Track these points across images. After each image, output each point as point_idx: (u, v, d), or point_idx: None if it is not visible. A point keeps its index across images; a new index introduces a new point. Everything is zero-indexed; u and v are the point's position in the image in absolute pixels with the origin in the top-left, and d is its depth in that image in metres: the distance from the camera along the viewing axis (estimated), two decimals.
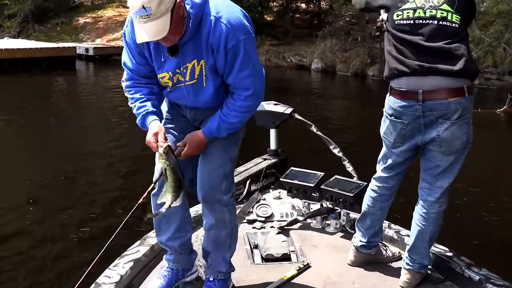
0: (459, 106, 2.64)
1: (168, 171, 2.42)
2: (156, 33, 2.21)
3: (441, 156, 2.77)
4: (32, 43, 20.16)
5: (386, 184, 3.03)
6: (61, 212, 5.51)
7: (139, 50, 2.49)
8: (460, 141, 2.72)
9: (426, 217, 2.89)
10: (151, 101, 2.54)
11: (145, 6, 2.14)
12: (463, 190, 6.37)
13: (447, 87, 2.63)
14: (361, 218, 3.18)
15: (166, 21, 2.19)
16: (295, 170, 4.05)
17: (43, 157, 7.70)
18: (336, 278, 3.06)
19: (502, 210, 5.77)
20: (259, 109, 4.28)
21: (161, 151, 2.38)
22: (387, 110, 2.85)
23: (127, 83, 2.59)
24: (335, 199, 3.75)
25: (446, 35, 2.65)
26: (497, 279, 2.83)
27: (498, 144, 9.21)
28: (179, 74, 2.49)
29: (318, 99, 13.51)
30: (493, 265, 3.06)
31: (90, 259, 4.05)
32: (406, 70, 2.71)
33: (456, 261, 3.06)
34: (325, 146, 4.16)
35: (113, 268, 2.93)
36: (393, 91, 2.79)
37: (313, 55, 18.44)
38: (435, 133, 2.71)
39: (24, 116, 10.47)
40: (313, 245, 3.47)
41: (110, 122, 9.93)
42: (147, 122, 2.50)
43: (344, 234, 3.62)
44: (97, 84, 16.85)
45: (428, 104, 2.66)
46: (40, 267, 4.50)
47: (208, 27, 2.34)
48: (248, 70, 2.43)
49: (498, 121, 10.61)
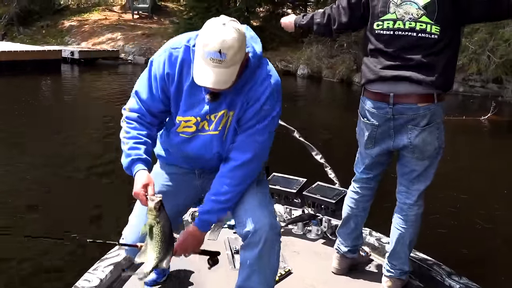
0: (428, 112, 2.70)
1: (157, 229, 2.14)
2: (222, 83, 2.10)
3: (415, 161, 2.83)
4: (17, 46, 20.00)
5: (367, 184, 3.08)
6: (34, 219, 5.41)
7: (163, 85, 2.30)
8: (432, 147, 2.78)
9: (405, 219, 2.93)
10: (146, 145, 2.30)
11: (222, 51, 2.03)
12: (445, 197, 6.41)
13: (417, 93, 2.70)
14: (343, 223, 3.19)
15: (234, 71, 2.11)
16: (277, 176, 4.06)
17: (20, 159, 7.64)
18: (318, 285, 3.06)
19: (485, 218, 5.80)
20: None
21: (152, 205, 2.11)
22: (360, 111, 2.92)
23: (130, 114, 2.34)
24: (317, 205, 3.76)
25: (424, 47, 2.68)
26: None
27: (482, 152, 9.28)
28: (207, 122, 2.32)
29: (303, 105, 13.55)
30: (474, 274, 3.07)
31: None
32: (381, 79, 2.76)
33: (437, 270, 3.07)
34: (308, 152, 4.17)
35: (93, 272, 2.91)
36: (366, 92, 2.86)
37: (299, 60, 18.50)
38: (406, 140, 2.77)
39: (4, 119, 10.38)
40: (294, 251, 3.46)
41: (95, 126, 9.86)
42: (134, 169, 2.24)
43: (326, 240, 3.62)
44: (82, 87, 16.78)
45: (398, 107, 2.73)
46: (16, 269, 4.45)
47: (256, 80, 2.26)
48: (262, 138, 2.33)
49: (482, 129, 10.68)
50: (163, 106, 2.35)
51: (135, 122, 2.33)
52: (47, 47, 20.37)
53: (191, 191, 2.56)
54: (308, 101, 14.53)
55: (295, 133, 4.21)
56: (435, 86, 2.69)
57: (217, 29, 2.05)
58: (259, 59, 2.27)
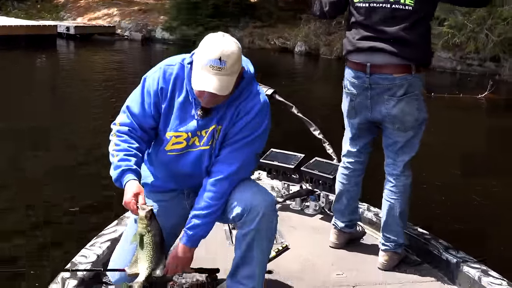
0: (404, 82, 2.78)
1: (148, 238, 2.14)
2: (222, 88, 2.14)
3: (397, 133, 2.91)
4: (12, 21, 19.81)
5: (357, 158, 3.12)
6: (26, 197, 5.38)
7: (156, 100, 2.34)
8: (412, 117, 2.85)
9: (394, 191, 2.98)
10: (136, 158, 2.30)
11: (223, 59, 2.11)
12: (442, 173, 6.44)
13: (393, 63, 2.78)
14: (337, 199, 3.23)
15: (232, 81, 2.18)
16: (275, 152, 4.05)
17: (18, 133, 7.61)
18: (315, 259, 3.07)
19: (483, 194, 5.83)
20: None
21: (142, 214, 2.11)
22: (343, 82, 3.01)
23: (120, 128, 2.35)
24: (314, 181, 3.76)
25: (398, 18, 2.76)
26: (474, 262, 2.86)
27: (478, 129, 9.29)
28: (197, 137, 2.35)
29: (301, 82, 13.48)
30: (471, 248, 3.08)
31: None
32: (358, 50, 2.87)
33: (434, 244, 3.08)
34: (306, 127, 4.16)
35: (90, 248, 2.91)
36: (347, 62, 2.95)
37: (297, 38, 18.35)
38: (384, 110, 2.85)
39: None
40: (292, 227, 3.47)
41: (91, 101, 9.80)
42: (124, 179, 2.24)
43: (323, 216, 3.63)
44: (78, 63, 16.66)
45: (374, 77, 2.81)
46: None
47: (247, 95, 2.33)
48: (248, 151, 2.37)
49: (478, 107, 10.67)
50: (154, 122, 2.38)
51: (126, 135, 2.34)
52: (42, 22, 20.17)
53: (180, 213, 2.52)
54: (305, 78, 14.48)
55: (293, 109, 4.19)
56: (410, 58, 2.77)
57: (218, 39, 2.16)
58: (251, 78, 2.36)
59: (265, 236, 2.38)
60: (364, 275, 2.92)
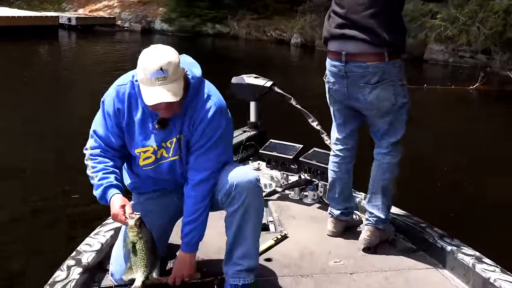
0: (377, 70, 2.81)
1: (140, 245, 2.20)
2: (174, 95, 2.14)
3: (377, 119, 2.95)
4: (14, 11, 19.71)
5: (346, 145, 3.14)
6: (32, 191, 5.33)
7: (116, 121, 2.37)
8: (389, 103, 2.88)
9: (378, 167, 3.03)
10: (115, 174, 2.35)
11: (163, 68, 2.11)
12: (437, 162, 6.45)
13: (366, 52, 2.80)
14: (330, 187, 3.24)
15: (180, 86, 2.18)
16: (274, 142, 4.03)
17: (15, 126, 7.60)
18: (313, 247, 3.06)
19: (478, 183, 5.85)
20: (239, 82, 4.26)
21: (132, 223, 2.17)
22: (326, 71, 3.03)
23: (92, 151, 2.38)
24: (313, 171, 3.75)
25: (366, 5, 2.78)
26: (468, 249, 2.85)
27: (469, 119, 9.31)
28: (164, 149, 2.37)
29: (298, 73, 13.47)
30: (466, 236, 3.08)
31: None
32: (333, 37, 2.91)
33: (429, 232, 3.08)
34: (304, 119, 4.14)
35: (94, 237, 2.89)
36: (327, 52, 2.99)
37: (293, 30, 18.31)
38: (361, 97, 2.88)
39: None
40: (291, 216, 3.46)
41: (91, 91, 9.76)
42: (108, 195, 2.29)
43: (321, 205, 3.61)
44: (79, 53, 16.60)
45: (349, 65, 2.84)
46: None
47: (198, 101, 2.32)
48: (214, 154, 2.37)
49: (470, 98, 10.68)
50: (120, 140, 2.40)
51: (99, 157, 2.37)
52: (45, 13, 20.08)
53: (172, 208, 2.57)
54: (302, 69, 14.44)
55: (292, 101, 4.17)
56: (381, 45, 2.79)
57: (151, 52, 2.16)
58: (199, 81, 2.33)
59: (253, 212, 2.38)
60: (361, 262, 2.91)
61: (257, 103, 4.41)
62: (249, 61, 15.05)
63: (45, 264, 3.64)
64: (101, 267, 2.73)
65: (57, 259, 2.80)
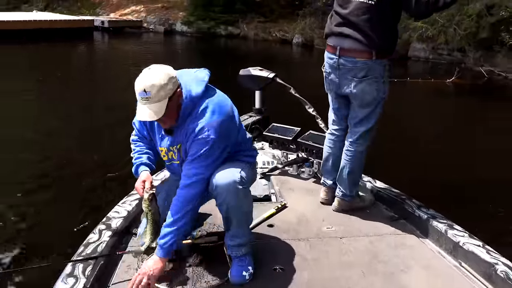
0: (365, 66, 2.81)
1: (149, 216, 2.29)
2: (151, 115, 2.10)
3: (358, 108, 2.95)
4: (57, 16, 19.69)
5: (340, 126, 3.15)
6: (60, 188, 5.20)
7: (142, 124, 2.44)
8: (370, 97, 2.88)
9: (347, 154, 3.06)
10: (148, 154, 2.41)
11: (146, 90, 2.07)
12: (418, 142, 6.42)
13: (357, 49, 2.80)
14: (324, 161, 3.26)
15: (162, 106, 2.10)
16: (276, 126, 4.03)
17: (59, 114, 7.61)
18: (309, 215, 3.06)
19: (452, 160, 5.83)
20: (246, 73, 4.23)
21: (146, 196, 2.26)
22: (324, 63, 3.04)
23: (134, 137, 2.50)
24: (309, 150, 3.74)
25: (364, 10, 2.78)
26: (442, 218, 2.85)
27: (446, 108, 9.29)
28: (172, 152, 2.34)
29: (299, 68, 13.39)
30: (440, 206, 3.07)
31: None
32: (333, 34, 2.91)
33: (408, 202, 3.07)
34: (302, 106, 4.13)
35: (121, 205, 2.91)
36: (327, 46, 2.98)
37: (295, 31, 18.14)
38: (348, 88, 2.89)
39: (49, 79, 10.30)
40: (289, 188, 3.46)
41: (123, 83, 9.76)
42: (139, 171, 2.37)
43: (316, 179, 3.60)
44: (112, 51, 16.56)
45: (342, 59, 2.86)
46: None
47: (192, 117, 2.20)
48: (206, 163, 2.22)
49: (447, 90, 10.62)
50: (149, 136, 2.45)
51: (137, 141, 2.48)
52: (82, 17, 20.00)
53: None
54: (302, 65, 14.34)
55: (292, 90, 4.15)
56: (371, 46, 2.78)
57: (143, 74, 2.12)
58: (192, 99, 2.20)
59: (233, 209, 2.27)
60: (349, 229, 2.91)
61: (261, 92, 4.40)
62: (256, 58, 14.97)
63: (79, 230, 3.68)
64: (128, 231, 2.75)
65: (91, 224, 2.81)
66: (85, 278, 2.20)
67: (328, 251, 2.63)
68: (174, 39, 19.14)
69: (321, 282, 2.34)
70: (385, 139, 6.11)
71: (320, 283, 2.33)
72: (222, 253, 2.47)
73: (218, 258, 2.46)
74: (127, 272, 2.39)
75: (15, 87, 9.13)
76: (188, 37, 19.25)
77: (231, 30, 19.29)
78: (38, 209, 4.30)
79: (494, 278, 2.31)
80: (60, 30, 17.25)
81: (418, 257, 2.60)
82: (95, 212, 3.90)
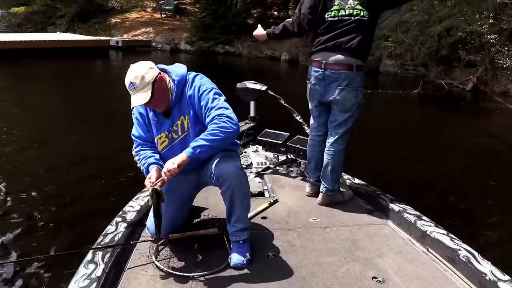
0: (347, 77, 2.82)
1: (153, 207, 2.24)
2: (142, 99, 2.20)
3: (338, 113, 2.94)
4: (77, 36, 19.57)
5: (319, 132, 3.14)
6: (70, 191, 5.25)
7: (142, 120, 2.44)
8: (350, 103, 2.88)
9: (329, 153, 3.04)
10: (154, 156, 2.39)
11: (132, 81, 2.21)
12: (390, 145, 6.42)
13: (340, 62, 2.81)
14: (308, 162, 3.27)
15: (148, 91, 2.21)
16: (268, 131, 4.04)
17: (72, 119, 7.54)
18: (297, 209, 3.04)
19: (420, 160, 5.82)
20: (242, 86, 4.22)
21: (149, 191, 2.21)
22: (307, 76, 3.02)
23: (136, 150, 2.46)
24: (297, 152, 3.74)
25: (358, 27, 2.77)
26: (412, 210, 2.84)
27: (412, 114, 9.33)
28: (173, 132, 2.37)
29: (286, 82, 13.37)
30: (411, 200, 3.06)
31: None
32: (317, 50, 2.91)
33: (383, 197, 3.06)
34: (290, 113, 4.12)
35: (135, 200, 2.89)
36: (311, 61, 2.96)
37: (282, 49, 18.12)
38: (332, 96, 2.88)
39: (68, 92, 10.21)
40: (280, 185, 3.44)
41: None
42: (150, 169, 2.32)
43: (303, 177, 3.59)
44: (125, 67, 16.37)
45: (327, 72, 2.86)
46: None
47: (188, 88, 2.33)
48: (221, 100, 2.27)
49: (412, 99, 10.66)
50: (150, 134, 2.44)
51: (140, 151, 2.44)
52: (99, 38, 19.89)
53: (185, 187, 2.52)
54: (289, 78, 14.33)
55: (281, 100, 4.14)
56: (353, 60, 2.80)
57: (128, 71, 2.26)
58: (183, 78, 2.34)
59: (238, 193, 2.27)
60: (332, 220, 2.90)
61: (255, 102, 4.38)
62: (250, 72, 14.95)
63: (95, 222, 3.64)
64: (141, 223, 2.72)
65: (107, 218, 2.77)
66: (104, 264, 2.18)
67: (314, 239, 2.62)
68: (179, 57, 19.06)
69: (308, 266, 2.33)
70: (362, 142, 6.14)
71: (307, 267, 2.32)
72: (221, 242, 2.46)
73: (217, 246, 2.46)
74: (140, 258, 2.37)
75: (42, 96, 9.07)
76: (191, 54, 19.19)
77: (228, 48, 19.25)
78: (62, 207, 4.26)
79: (457, 262, 2.31)
80: (81, 49, 17.17)
81: (391, 244, 2.60)
82: (116, 204, 3.87)
